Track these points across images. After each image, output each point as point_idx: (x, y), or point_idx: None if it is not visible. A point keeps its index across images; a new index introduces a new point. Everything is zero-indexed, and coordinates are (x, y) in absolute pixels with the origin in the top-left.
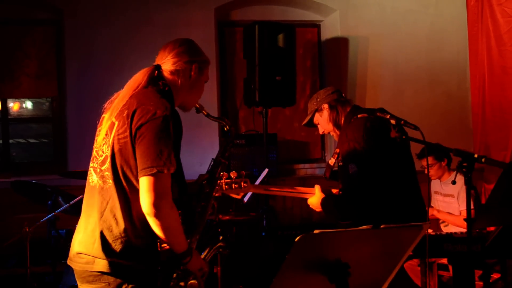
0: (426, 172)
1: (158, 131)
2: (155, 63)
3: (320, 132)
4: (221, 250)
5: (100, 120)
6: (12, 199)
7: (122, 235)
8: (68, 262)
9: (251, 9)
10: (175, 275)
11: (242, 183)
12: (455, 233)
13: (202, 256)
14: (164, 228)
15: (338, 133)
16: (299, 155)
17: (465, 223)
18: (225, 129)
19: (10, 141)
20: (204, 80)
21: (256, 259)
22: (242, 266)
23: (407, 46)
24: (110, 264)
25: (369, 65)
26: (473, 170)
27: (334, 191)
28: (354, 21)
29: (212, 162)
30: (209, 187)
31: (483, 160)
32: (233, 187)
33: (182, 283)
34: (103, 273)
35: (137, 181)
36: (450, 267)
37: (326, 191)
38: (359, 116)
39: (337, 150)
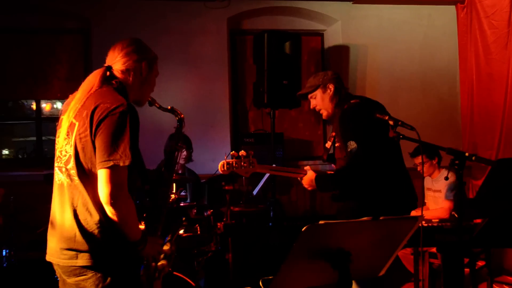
0: (419, 169)
1: (115, 126)
2: (106, 64)
3: (312, 107)
4: (183, 228)
5: (59, 121)
6: (44, 190)
7: (98, 225)
8: (48, 259)
9: (260, 19)
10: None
11: (249, 163)
12: (446, 224)
13: (168, 237)
14: (120, 218)
15: (330, 113)
16: (304, 152)
17: (442, 214)
18: (177, 118)
19: (43, 138)
20: (154, 75)
21: (264, 247)
22: (251, 253)
23: (403, 54)
24: (92, 257)
25: (367, 71)
26: (464, 167)
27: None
28: (355, 31)
29: (169, 149)
30: (168, 173)
31: (473, 158)
32: (242, 165)
33: (153, 264)
34: (85, 267)
35: None
36: (439, 255)
37: (317, 171)
38: (351, 101)
39: (333, 134)
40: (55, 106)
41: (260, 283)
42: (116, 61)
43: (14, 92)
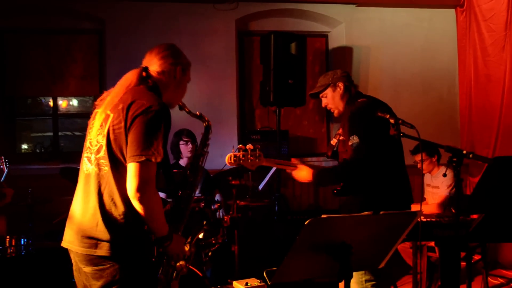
0: (419, 166)
1: (150, 124)
2: (142, 66)
3: (323, 105)
4: (203, 232)
5: (93, 115)
6: (60, 183)
7: (121, 216)
8: (66, 246)
9: (267, 21)
10: (166, 257)
11: (256, 156)
12: (444, 219)
13: (189, 239)
14: (146, 212)
15: (341, 111)
16: (308, 149)
17: (435, 208)
18: (204, 125)
19: (59, 133)
20: (187, 81)
21: (268, 239)
22: (256, 245)
23: (404, 55)
24: (111, 247)
25: (370, 71)
26: (462, 164)
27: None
28: (358, 32)
29: (194, 154)
30: (193, 176)
31: (471, 156)
32: (249, 159)
33: (172, 263)
34: (104, 257)
35: None
36: (437, 249)
37: (313, 166)
38: (359, 100)
39: (340, 131)
40: (71, 103)
41: (264, 274)
42: (153, 62)
43: (32, 90)
